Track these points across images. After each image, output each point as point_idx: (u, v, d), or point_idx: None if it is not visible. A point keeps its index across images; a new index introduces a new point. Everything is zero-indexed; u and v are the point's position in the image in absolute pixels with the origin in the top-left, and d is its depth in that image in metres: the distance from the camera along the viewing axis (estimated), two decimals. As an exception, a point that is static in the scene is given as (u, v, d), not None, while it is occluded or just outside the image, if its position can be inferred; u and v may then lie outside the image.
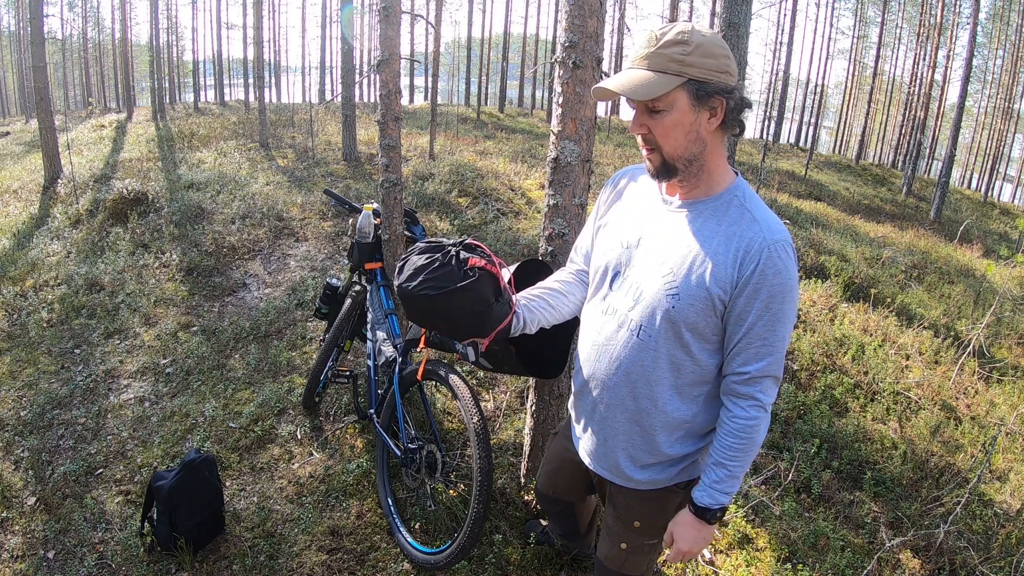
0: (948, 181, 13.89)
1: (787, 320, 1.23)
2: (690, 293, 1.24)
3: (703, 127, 1.21)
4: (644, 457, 1.40)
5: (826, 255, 6.12)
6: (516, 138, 13.54)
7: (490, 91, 30.58)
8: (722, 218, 1.25)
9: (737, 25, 5.22)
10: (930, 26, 20.33)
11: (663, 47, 1.17)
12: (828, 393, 3.62)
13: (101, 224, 5.90)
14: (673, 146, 1.22)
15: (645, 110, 1.23)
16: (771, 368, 1.25)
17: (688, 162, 1.24)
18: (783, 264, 1.20)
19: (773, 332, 1.23)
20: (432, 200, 6.42)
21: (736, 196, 1.27)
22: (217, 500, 2.39)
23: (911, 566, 2.45)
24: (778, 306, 1.21)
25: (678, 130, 1.21)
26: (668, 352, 1.29)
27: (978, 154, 30.35)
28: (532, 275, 2.03)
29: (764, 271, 1.19)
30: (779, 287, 1.20)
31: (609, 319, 1.38)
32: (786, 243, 1.21)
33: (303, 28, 33.69)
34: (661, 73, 1.17)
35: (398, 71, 3.03)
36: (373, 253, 3.00)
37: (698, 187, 1.29)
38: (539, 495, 1.97)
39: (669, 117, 1.20)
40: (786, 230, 1.24)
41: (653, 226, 1.33)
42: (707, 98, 1.18)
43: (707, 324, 1.26)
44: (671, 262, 1.27)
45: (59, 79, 34.04)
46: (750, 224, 1.22)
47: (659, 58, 1.17)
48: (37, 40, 7.47)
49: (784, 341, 1.25)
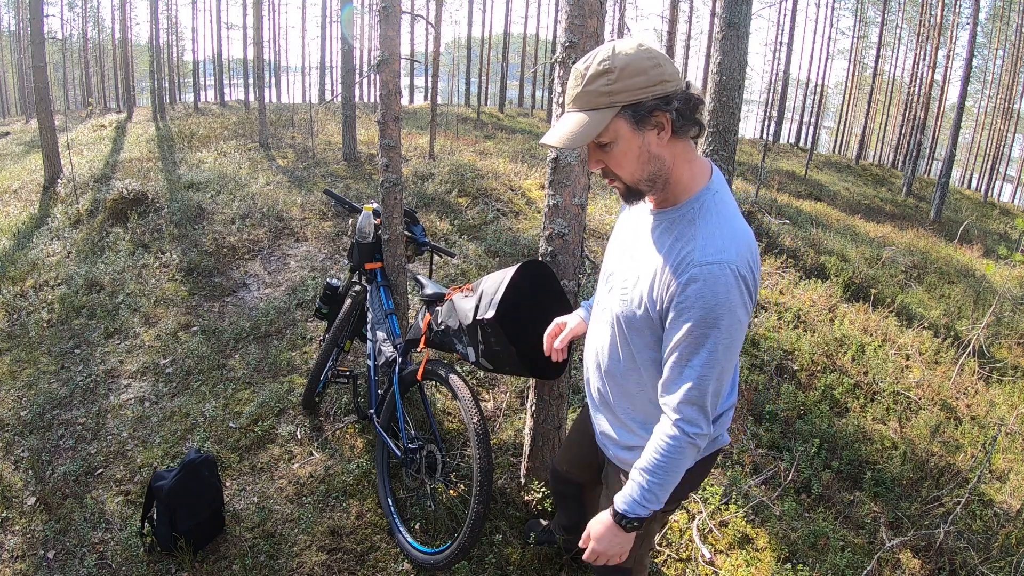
0: (948, 181, 13.89)
1: (711, 346, 1.16)
2: (634, 302, 1.30)
3: (654, 145, 1.19)
4: (626, 438, 1.47)
5: (826, 255, 6.12)
6: (516, 138, 13.54)
7: (490, 91, 30.57)
8: (673, 230, 1.24)
9: (737, 25, 5.21)
10: (930, 26, 20.33)
11: (588, 83, 1.15)
12: (828, 393, 3.62)
13: (101, 224, 5.90)
14: (630, 172, 1.22)
15: (596, 146, 1.21)
16: (692, 396, 1.20)
17: (651, 182, 1.23)
18: (710, 290, 1.13)
19: (694, 357, 1.18)
20: (432, 200, 6.42)
21: (694, 208, 1.23)
22: (217, 500, 2.39)
23: (911, 566, 2.45)
24: (701, 330, 1.16)
25: (628, 157, 1.19)
26: (625, 347, 1.37)
27: (978, 154, 30.34)
28: (532, 276, 2.04)
29: (688, 293, 1.16)
30: (703, 311, 1.14)
31: (599, 313, 1.48)
32: (722, 265, 1.13)
33: (303, 28, 33.73)
34: (593, 111, 1.15)
35: (398, 71, 3.03)
36: (373, 253, 3.00)
37: (666, 198, 1.28)
38: (554, 475, 2.01)
39: (617, 148, 1.18)
40: (733, 252, 1.15)
41: (636, 233, 1.38)
42: (647, 117, 1.15)
43: (648, 329, 1.29)
44: (630, 268, 1.33)
45: (59, 79, 34.04)
46: (689, 241, 1.19)
47: (587, 96, 1.15)
48: (37, 40, 7.47)
49: (709, 369, 1.18)
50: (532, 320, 2.08)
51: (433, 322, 2.21)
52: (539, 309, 2.06)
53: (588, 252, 2.52)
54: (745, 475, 2.88)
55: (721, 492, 2.69)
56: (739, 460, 3.00)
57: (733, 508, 2.63)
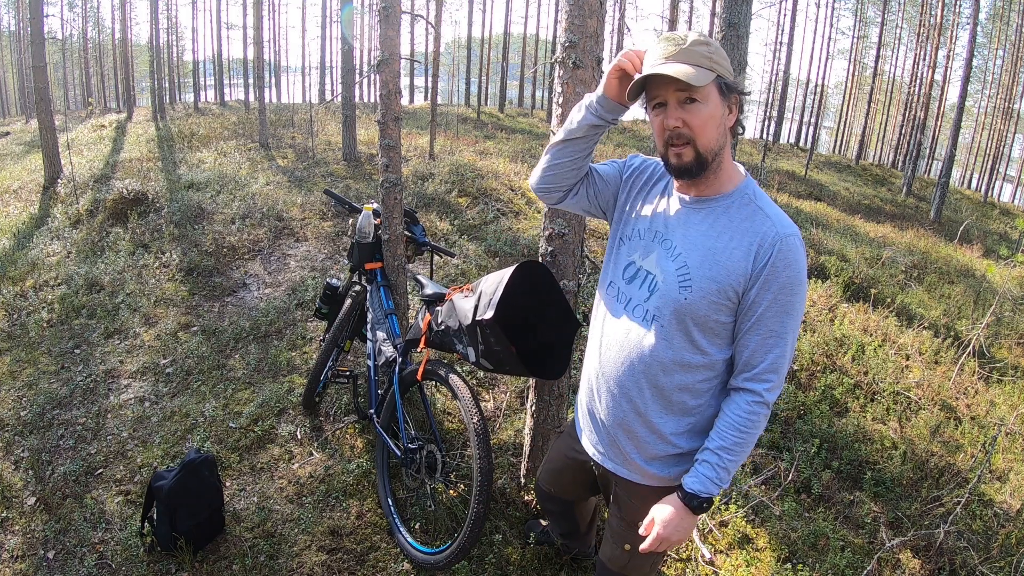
0: (948, 181, 13.89)
1: (795, 313, 1.27)
2: (703, 286, 1.29)
3: (725, 122, 1.28)
4: (652, 447, 1.41)
5: (826, 255, 6.12)
6: (516, 138, 13.54)
7: (490, 91, 30.55)
8: (734, 215, 1.31)
9: (737, 25, 5.22)
10: (930, 26, 20.32)
11: (692, 46, 1.22)
12: (828, 393, 3.62)
13: (101, 224, 5.90)
14: (708, 138, 1.26)
15: (678, 103, 1.24)
16: (778, 363, 1.28)
17: (715, 155, 1.29)
18: (794, 257, 1.25)
19: (782, 323, 1.26)
20: (432, 200, 6.42)
21: (747, 194, 1.33)
22: (217, 500, 2.39)
23: (911, 566, 2.45)
24: (787, 298, 1.25)
25: (712, 122, 1.25)
26: (678, 343, 1.33)
27: (978, 154, 30.33)
28: (530, 276, 2.03)
29: (775, 264, 1.24)
30: (789, 279, 1.25)
31: (621, 308, 1.43)
32: (796, 237, 1.27)
33: (303, 28, 33.64)
34: (698, 67, 1.21)
35: (398, 71, 3.03)
36: (373, 253, 3.00)
37: (711, 185, 1.33)
38: (539, 492, 1.98)
39: (706, 109, 1.24)
40: (795, 225, 1.29)
41: (671, 221, 1.38)
42: (728, 95, 1.26)
43: (717, 317, 1.30)
44: (686, 256, 1.32)
45: (59, 79, 34.03)
46: (763, 220, 1.28)
47: (692, 55, 1.21)
48: (37, 40, 7.47)
49: (792, 334, 1.28)
50: (531, 320, 2.08)
51: (433, 322, 2.21)
52: (538, 309, 2.06)
53: (588, 252, 2.52)
54: (745, 475, 2.89)
55: (721, 492, 2.69)
56: (739, 460, 3.00)
57: (733, 508, 2.63)
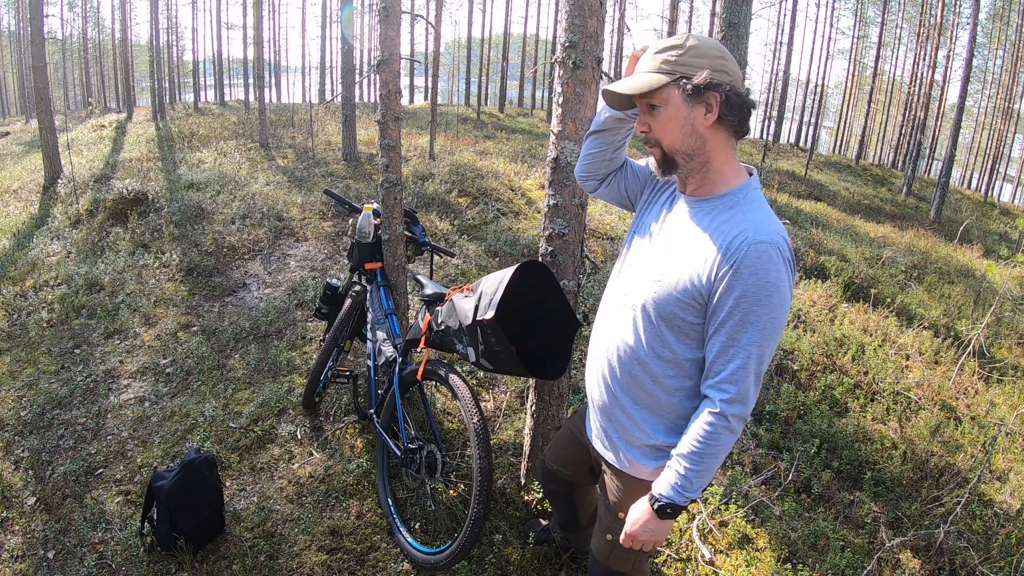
0: (948, 181, 13.89)
1: (759, 325, 1.20)
2: (670, 283, 1.30)
3: (699, 122, 1.27)
4: (630, 433, 1.44)
5: (826, 255, 6.12)
6: (516, 138, 13.54)
7: (490, 91, 30.56)
8: (717, 216, 1.30)
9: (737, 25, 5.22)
10: (930, 26, 20.32)
11: (658, 52, 1.28)
12: (828, 393, 3.62)
13: (101, 224, 5.90)
14: (670, 140, 1.30)
15: (646, 110, 1.32)
16: (739, 375, 1.23)
17: (687, 156, 1.30)
18: (763, 265, 1.19)
19: (743, 333, 1.21)
20: (432, 200, 6.42)
21: (738, 198, 1.30)
22: (217, 500, 2.39)
23: (911, 566, 2.45)
24: (750, 306, 1.20)
25: (673, 124, 1.28)
26: (648, 336, 1.36)
27: (978, 154, 30.32)
28: (531, 276, 2.04)
29: (740, 268, 1.20)
30: (754, 287, 1.19)
31: (616, 297, 1.47)
32: (772, 245, 1.20)
33: (303, 28, 33.62)
34: (653, 73, 1.28)
35: (398, 71, 3.03)
36: (373, 253, 3.01)
37: (704, 185, 1.34)
38: (544, 472, 1.99)
39: (664, 113, 1.29)
40: (779, 235, 1.22)
41: (667, 218, 1.41)
42: (700, 94, 1.25)
43: (684, 316, 1.29)
44: (665, 252, 1.35)
45: (59, 79, 34.02)
46: (739, 222, 1.25)
47: (654, 62, 1.29)
48: (37, 40, 7.47)
49: (757, 348, 1.21)
50: (532, 320, 2.08)
51: (433, 322, 2.21)
52: (538, 309, 2.06)
53: (588, 252, 2.52)
54: (745, 475, 2.88)
55: (721, 492, 2.69)
56: (739, 460, 3.00)
57: (733, 508, 2.63)
